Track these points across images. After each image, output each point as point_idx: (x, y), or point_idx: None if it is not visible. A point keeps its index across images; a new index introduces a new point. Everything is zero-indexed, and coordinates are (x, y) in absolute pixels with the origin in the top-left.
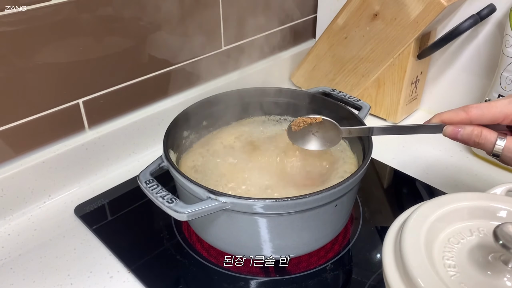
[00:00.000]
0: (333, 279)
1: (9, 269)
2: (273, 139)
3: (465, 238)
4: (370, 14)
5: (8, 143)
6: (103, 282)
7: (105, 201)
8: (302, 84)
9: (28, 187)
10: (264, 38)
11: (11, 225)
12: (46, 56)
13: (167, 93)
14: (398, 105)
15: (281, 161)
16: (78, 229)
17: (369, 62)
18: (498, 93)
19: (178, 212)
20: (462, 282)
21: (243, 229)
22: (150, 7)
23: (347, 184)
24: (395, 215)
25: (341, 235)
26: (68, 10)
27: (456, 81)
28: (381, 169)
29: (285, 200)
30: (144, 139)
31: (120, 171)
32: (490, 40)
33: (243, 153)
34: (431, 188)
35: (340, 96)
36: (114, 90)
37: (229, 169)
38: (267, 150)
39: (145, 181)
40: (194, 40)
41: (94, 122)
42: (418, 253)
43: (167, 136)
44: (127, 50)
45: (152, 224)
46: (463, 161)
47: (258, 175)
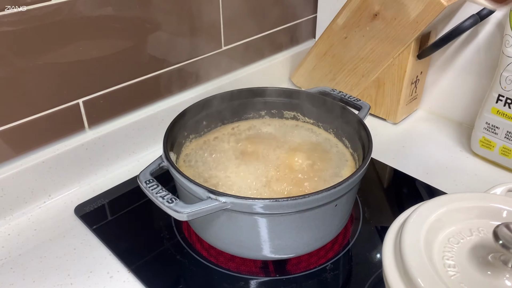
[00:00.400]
0: (333, 279)
1: (9, 269)
2: (273, 138)
3: (465, 238)
4: (370, 14)
5: (8, 143)
6: (103, 282)
7: (105, 201)
8: (302, 84)
9: (28, 187)
10: (264, 38)
11: (11, 225)
12: (46, 56)
13: (167, 93)
14: (398, 105)
15: (279, 160)
16: (78, 229)
17: (369, 62)
18: (498, 93)
19: (178, 212)
20: (462, 282)
21: (243, 229)
22: (150, 7)
23: (347, 184)
24: (395, 215)
25: (341, 235)
26: (68, 10)
27: (456, 81)
28: (381, 169)
29: (285, 200)
30: (144, 139)
31: (120, 171)
32: (490, 40)
33: (241, 152)
34: (431, 188)
35: (340, 96)
36: (114, 90)
37: (225, 167)
38: (266, 149)
39: (145, 181)
40: (194, 40)
41: (94, 122)
42: (418, 253)
43: (167, 136)
44: (127, 50)
45: (152, 224)
46: (463, 161)
47: (253, 174)
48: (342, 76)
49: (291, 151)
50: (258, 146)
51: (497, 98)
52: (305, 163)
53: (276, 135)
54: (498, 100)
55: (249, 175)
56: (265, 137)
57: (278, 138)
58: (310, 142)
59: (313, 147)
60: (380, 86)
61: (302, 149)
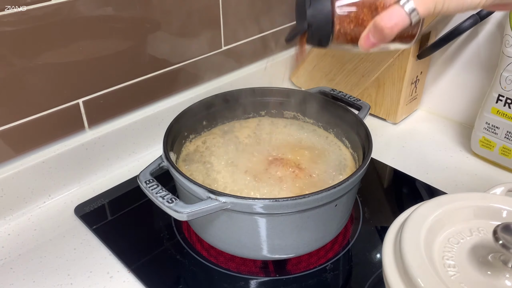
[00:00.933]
0: (333, 279)
1: (9, 269)
2: (272, 138)
3: (465, 238)
4: None
5: (8, 143)
6: (103, 282)
7: (105, 201)
8: (302, 84)
9: (28, 187)
10: (264, 38)
11: (11, 225)
12: (46, 56)
13: (167, 93)
14: (398, 105)
15: (278, 159)
16: (78, 229)
17: (369, 62)
18: (498, 93)
19: (178, 212)
20: (462, 282)
21: (243, 229)
22: (150, 7)
23: (347, 184)
24: (395, 215)
25: (341, 235)
26: (68, 10)
27: (456, 81)
28: (381, 169)
29: (285, 200)
30: (144, 139)
31: (120, 171)
32: (490, 40)
33: (241, 152)
34: (431, 188)
35: (340, 96)
36: (114, 90)
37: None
38: (266, 149)
39: (145, 181)
40: (194, 40)
41: (94, 122)
42: (418, 253)
43: (167, 136)
44: (127, 50)
45: (152, 224)
46: (463, 161)
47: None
48: (342, 76)
49: (291, 151)
50: (258, 146)
51: (497, 98)
52: (305, 163)
53: (276, 135)
54: (498, 100)
55: (249, 174)
56: (265, 137)
57: (277, 138)
58: (310, 142)
59: (313, 147)
60: (380, 86)
61: (302, 149)
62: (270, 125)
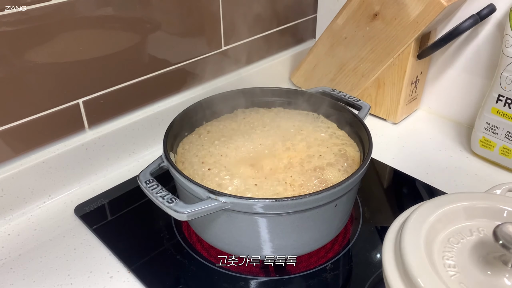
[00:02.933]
0: (333, 279)
1: (9, 269)
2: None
3: (465, 238)
4: (370, 14)
5: (8, 143)
6: (103, 282)
7: (105, 201)
8: (302, 84)
9: (28, 187)
10: (264, 38)
11: (11, 225)
12: (46, 56)
13: (167, 93)
14: (398, 105)
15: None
16: (78, 229)
17: (369, 62)
18: (498, 93)
19: (178, 212)
20: (462, 282)
21: (243, 229)
22: (150, 7)
23: (347, 184)
24: (395, 215)
25: (341, 235)
26: (68, 10)
27: (456, 81)
28: (381, 169)
29: (285, 200)
30: (144, 139)
31: (120, 171)
32: (490, 40)
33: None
34: (431, 188)
35: (340, 96)
36: (114, 90)
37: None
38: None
39: (145, 181)
40: (194, 40)
41: (94, 122)
42: (418, 253)
43: (167, 136)
44: (127, 50)
45: (152, 224)
46: (463, 161)
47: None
48: (342, 76)
49: (291, 151)
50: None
51: (497, 98)
52: (305, 162)
53: (275, 135)
54: (498, 100)
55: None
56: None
57: (277, 138)
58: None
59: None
60: (380, 86)
61: (302, 148)
62: (269, 125)
